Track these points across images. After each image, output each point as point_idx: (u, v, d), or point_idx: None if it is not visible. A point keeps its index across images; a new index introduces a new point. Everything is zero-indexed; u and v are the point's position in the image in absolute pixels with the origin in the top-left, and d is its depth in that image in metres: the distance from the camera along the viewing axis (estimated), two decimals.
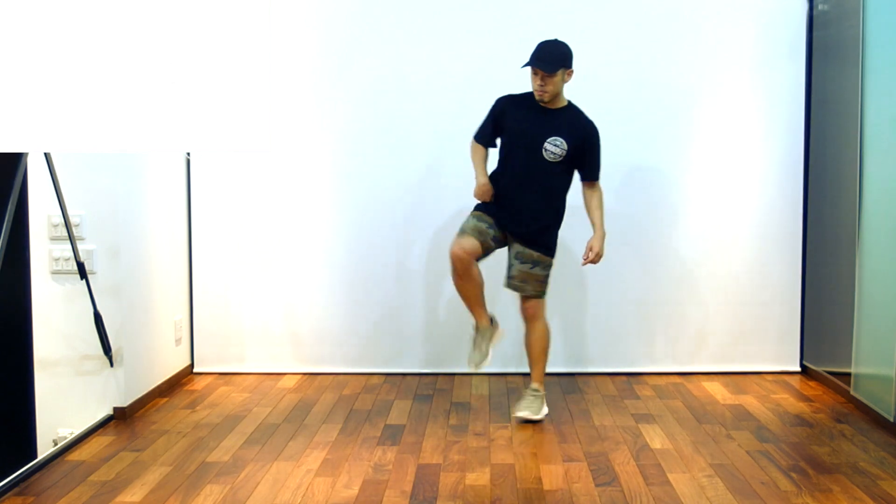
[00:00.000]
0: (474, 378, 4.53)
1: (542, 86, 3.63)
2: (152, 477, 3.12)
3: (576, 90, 4.31)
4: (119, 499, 2.92)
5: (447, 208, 4.57)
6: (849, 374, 4.00)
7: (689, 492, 2.94)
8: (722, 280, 4.60)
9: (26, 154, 3.23)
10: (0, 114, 2.75)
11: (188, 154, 4.58)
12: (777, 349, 4.61)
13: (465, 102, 4.51)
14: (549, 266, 3.79)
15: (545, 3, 4.50)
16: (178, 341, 4.49)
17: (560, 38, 3.74)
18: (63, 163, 3.56)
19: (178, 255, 4.53)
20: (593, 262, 3.81)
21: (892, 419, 3.56)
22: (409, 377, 4.58)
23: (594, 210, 3.83)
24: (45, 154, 3.40)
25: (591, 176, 3.82)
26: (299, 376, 4.60)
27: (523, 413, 3.74)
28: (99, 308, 3.66)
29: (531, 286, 3.76)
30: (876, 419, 3.69)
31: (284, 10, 4.52)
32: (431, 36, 4.53)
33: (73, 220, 3.66)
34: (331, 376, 4.59)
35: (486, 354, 3.81)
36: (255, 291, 4.65)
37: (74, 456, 3.36)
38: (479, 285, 3.80)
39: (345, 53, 4.56)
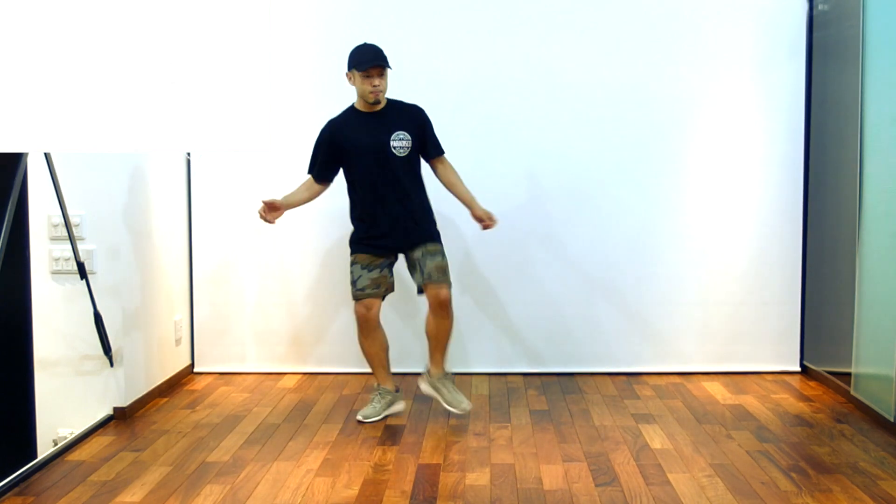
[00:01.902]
0: (474, 378, 4.53)
1: (377, 86, 3.63)
2: (152, 477, 3.12)
3: (576, 90, 4.32)
4: (119, 499, 2.92)
5: (447, 208, 4.57)
6: (849, 374, 4.00)
7: (689, 492, 2.94)
8: (722, 280, 4.59)
9: (26, 154, 3.23)
10: (0, 114, 2.75)
11: (188, 154, 4.57)
12: (777, 349, 4.61)
13: (465, 102, 4.52)
14: (444, 253, 3.80)
15: (545, 3, 4.50)
16: (178, 341, 4.49)
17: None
18: (63, 163, 3.56)
19: (178, 255, 4.53)
20: (490, 226, 3.80)
21: (892, 419, 3.56)
22: (408, 377, 4.58)
23: (458, 184, 3.84)
24: (45, 154, 3.40)
25: (437, 152, 3.84)
26: (299, 376, 4.60)
27: (457, 407, 3.74)
28: (99, 308, 3.66)
29: (446, 275, 3.75)
30: (876, 419, 3.69)
31: (284, 10, 4.52)
32: (431, 36, 4.53)
33: (73, 220, 3.66)
34: (331, 376, 4.59)
35: (379, 414, 3.81)
36: (255, 291, 4.65)
37: (74, 456, 3.36)
38: (385, 348, 3.88)
39: (345, 53, 4.55)
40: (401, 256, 3.85)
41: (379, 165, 3.69)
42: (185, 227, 4.62)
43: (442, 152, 3.85)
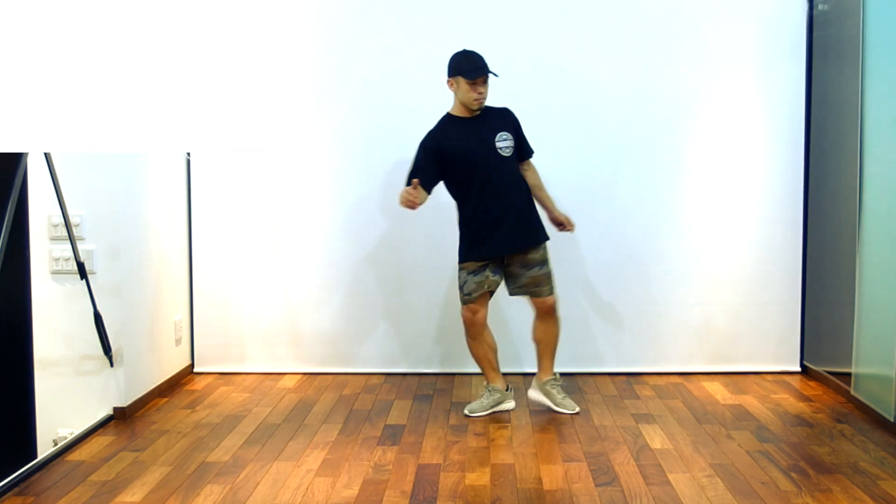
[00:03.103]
0: (474, 378, 4.52)
1: (482, 93, 3.71)
2: (152, 477, 3.12)
3: (576, 90, 4.33)
4: (119, 499, 2.92)
5: (447, 208, 4.57)
6: (849, 374, 3.99)
7: (689, 492, 2.94)
8: (722, 280, 4.59)
9: (26, 154, 3.23)
10: (0, 114, 2.75)
11: (188, 154, 4.58)
12: (777, 349, 4.61)
13: None
14: (547, 257, 3.84)
15: (545, 4, 4.50)
16: (178, 341, 4.49)
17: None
18: (63, 163, 3.56)
19: (178, 255, 4.53)
20: (569, 229, 3.91)
21: (892, 419, 3.55)
22: (409, 377, 4.58)
23: (542, 187, 3.92)
24: (45, 154, 3.40)
25: (529, 153, 3.91)
26: (299, 376, 4.60)
27: (569, 409, 3.88)
28: (99, 308, 3.66)
29: (546, 286, 3.83)
30: (876, 419, 3.69)
31: (284, 10, 4.52)
32: (431, 36, 4.53)
33: (73, 220, 3.66)
34: (331, 376, 4.59)
35: (485, 409, 3.88)
36: (256, 291, 4.65)
37: (74, 456, 3.36)
38: (493, 349, 3.94)
39: (345, 53, 4.56)
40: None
41: (487, 167, 3.72)
42: (185, 227, 4.62)
43: (532, 153, 3.91)
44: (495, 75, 3.74)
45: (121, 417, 3.82)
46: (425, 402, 4.11)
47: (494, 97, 3.88)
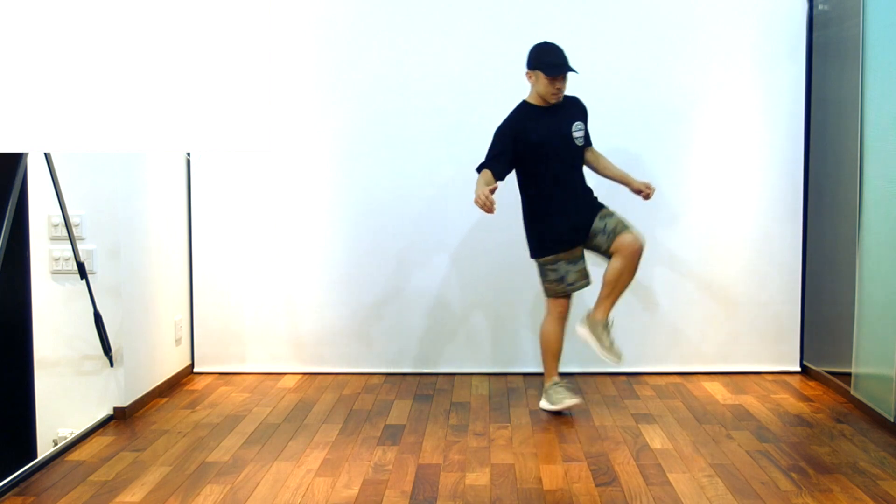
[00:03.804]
0: (474, 378, 4.53)
1: (561, 88, 3.73)
2: (152, 477, 3.12)
3: (577, 91, 4.30)
4: (119, 499, 2.92)
5: (447, 208, 4.57)
6: (849, 374, 3.99)
7: (689, 492, 2.94)
8: (722, 280, 4.59)
9: (26, 154, 3.23)
10: (0, 114, 2.75)
11: (188, 154, 4.58)
12: (777, 349, 4.61)
13: (465, 102, 4.52)
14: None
15: (546, 4, 4.50)
16: (178, 341, 4.49)
17: (555, 39, 3.77)
18: (63, 163, 3.56)
19: (178, 255, 4.53)
20: (650, 194, 3.90)
21: (892, 419, 3.55)
22: (409, 377, 4.58)
23: (612, 165, 3.98)
24: (45, 154, 3.40)
25: (591, 142, 3.97)
26: (299, 376, 4.60)
27: (614, 357, 3.83)
28: (99, 308, 3.66)
29: (623, 222, 3.80)
30: (876, 419, 3.69)
31: (284, 10, 4.52)
32: (432, 36, 4.53)
33: (73, 220, 3.66)
34: (331, 376, 4.59)
35: (562, 402, 3.85)
36: (256, 291, 4.65)
37: (74, 456, 3.36)
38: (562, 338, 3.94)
39: (345, 53, 4.56)
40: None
41: (564, 155, 3.77)
42: (185, 227, 4.62)
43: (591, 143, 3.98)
44: (575, 72, 3.72)
45: (121, 417, 3.83)
46: (425, 402, 4.11)
47: (496, 98, 3.88)
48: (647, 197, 3.91)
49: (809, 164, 4.53)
